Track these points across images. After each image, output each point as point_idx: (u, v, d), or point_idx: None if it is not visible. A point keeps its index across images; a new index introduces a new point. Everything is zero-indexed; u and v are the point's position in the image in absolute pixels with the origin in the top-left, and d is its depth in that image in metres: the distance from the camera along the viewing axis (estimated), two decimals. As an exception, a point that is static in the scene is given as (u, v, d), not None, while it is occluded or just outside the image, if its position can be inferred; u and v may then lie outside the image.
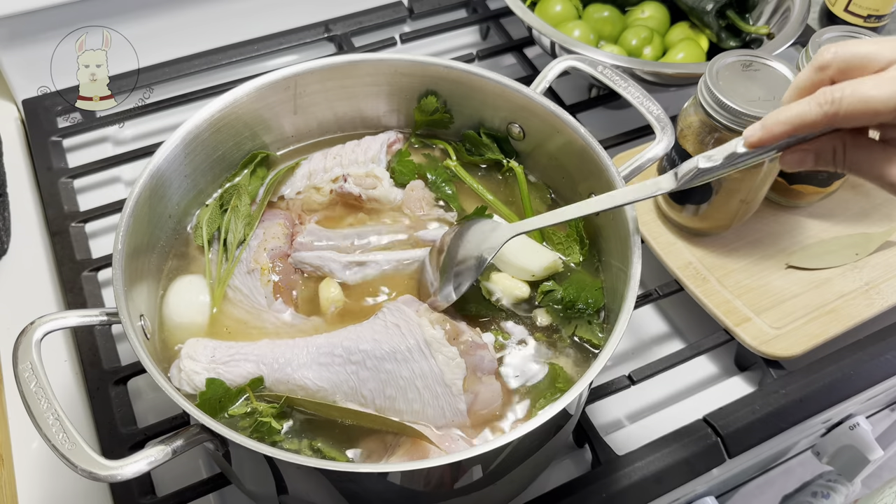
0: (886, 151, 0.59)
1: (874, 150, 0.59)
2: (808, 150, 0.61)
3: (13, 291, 0.97)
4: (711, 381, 0.93)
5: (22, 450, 0.84)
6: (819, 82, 0.59)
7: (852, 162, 0.60)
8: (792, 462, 1.11)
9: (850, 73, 0.58)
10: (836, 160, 0.60)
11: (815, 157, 0.61)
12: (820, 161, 0.61)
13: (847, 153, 0.60)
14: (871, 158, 0.59)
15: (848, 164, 0.60)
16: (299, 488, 0.70)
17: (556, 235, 0.84)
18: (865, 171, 0.60)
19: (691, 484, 0.82)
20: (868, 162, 0.59)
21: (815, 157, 0.61)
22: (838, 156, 0.60)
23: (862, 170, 0.60)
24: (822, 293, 0.92)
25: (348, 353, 0.72)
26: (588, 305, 0.79)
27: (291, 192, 0.88)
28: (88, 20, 1.08)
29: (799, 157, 0.61)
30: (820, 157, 0.61)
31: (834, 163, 0.60)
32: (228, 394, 0.71)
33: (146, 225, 0.77)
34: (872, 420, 1.07)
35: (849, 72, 0.58)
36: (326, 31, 1.25)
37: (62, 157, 1.08)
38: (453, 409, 0.71)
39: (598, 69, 0.85)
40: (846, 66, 0.58)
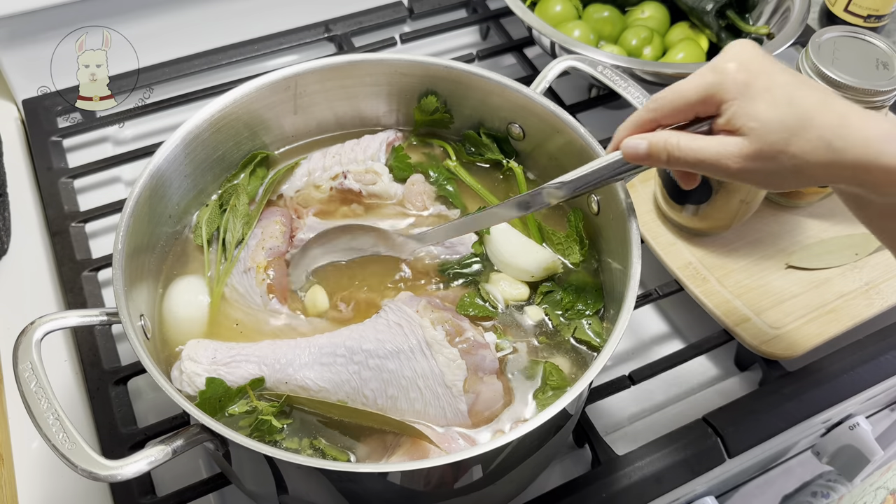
0: (717, 136, 0.64)
1: (706, 137, 0.64)
2: (643, 139, 0.67)
3: (13, 291, 0.97)
4: (711, 381, 0.93)
5: (22, 450, 0.84)
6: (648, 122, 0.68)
7: (688, 147, 0.64)
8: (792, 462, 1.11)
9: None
10: (668, 147, 0.65)
11: (647, 146, 0.66)
12: (652, 152, 0.66)
13: (681, 141, 0.64)
14: (704, 141, 0.63)
15: (684, 150, 0.64)
16: (299, 488, 0.70)
17: (556, 236, 0.84)
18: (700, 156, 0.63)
19: (691, 484, 0.82)
20: (701, 145, 0.63)
21: (647, 146, 0.66)
22: (670, 143, 0.65)
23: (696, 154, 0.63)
24: (822, 293, 0.92)
25: (351, 353, 0.72)
26: (587, 306, 0.79)
27: (291, 191, 0.88)
28: (88, 20, 1.08)
29: (634, 144, 0.67)
30: (652, 147, 0.66)
31: (666, 150, 0.65)
32: (228, 393, 0.71)
33: (146, 225, 0.77)
34: (872, 420, 1.07)
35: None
36: (326, 31, 1.25)
37: (62, 157, 1.08)
38: (454, 410, 0.71)
39: (598, 69, 0.85)
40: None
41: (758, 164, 0.61)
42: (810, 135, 0.59)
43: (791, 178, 0.62)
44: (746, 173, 0.62)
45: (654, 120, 0.67)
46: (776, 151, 0.60)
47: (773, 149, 0.60)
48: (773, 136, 0.60)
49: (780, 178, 0.62)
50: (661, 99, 0.67)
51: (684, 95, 0.65)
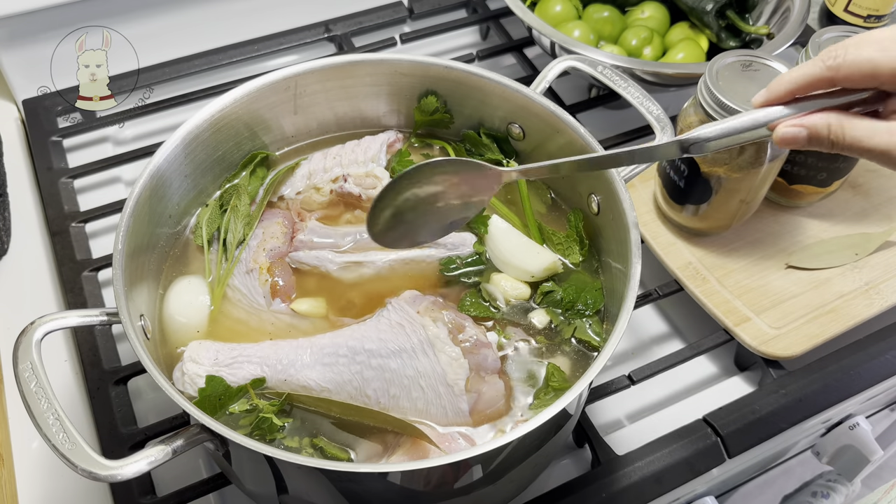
0: (888, 123, 0.57)
1: (874, 123, 0.58)
2: (801, 126, 0.59)
3: (13, 291, 0.97)
4: (711, 381, 0.93)
5: (22, 450, 0.84)
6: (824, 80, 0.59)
7: (852, 136, 0.57)
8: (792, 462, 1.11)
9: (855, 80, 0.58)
10: (831, 136, 0.58)
11: (808, 134, 0.59)
12: (813, 138, 0.59)
13: (845, 128, 0.58)
14: (872, 130, 0.57)
15: (848, 139, 0.57)
16: (299, 488, 0.70)
17: (556, 236, 0.84)
18: (867, 145, 0.57)
19: (691, 484, 0.82)
20: (869, 134, 0.57)
21: (808, 133, 0.59)
22: (834, 131, 0.58)
23: (863, 144, 0.57)
24: (822, 293, 0.92)
25: (353, 352, 0.72)
26: (587, 306, 0.79)
27: (291, 192, 0.88)
28: (88, 20, 1.08)
29: (793, 133, 0.60)
30: (813, 133, 0.59)
31: (829, 139, 0.58)
32: (228, 392, 0.71)
33: (146, 225, 0.77)
34: (872, 420, 1.07)
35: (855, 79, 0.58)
36: (326, 31, 1.25)
37: (62, 157, 1.08)
38: (455, 409, 0.71)
39: (598, 69, 0.85)
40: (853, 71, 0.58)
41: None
42: None
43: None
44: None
45: (831, 80, 0.59)
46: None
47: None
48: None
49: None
50: (845, 56, 0.57)
51: (876, 60, 0.56)
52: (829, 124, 0.58)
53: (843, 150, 0.59)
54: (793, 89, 0.60)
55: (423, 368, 0.71)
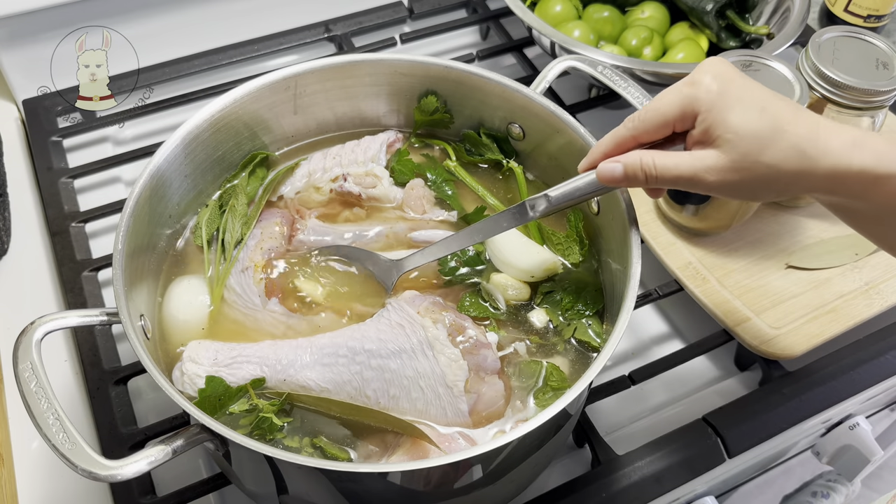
0: (691, 152, 0.64)
1: (679, 153, 0.65)
2: (618, 162, 0.67)
3: (13, 291, 0.97)
4: (711, 381, 0.93)
5: (22, 450, 0.84)
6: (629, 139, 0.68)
7: (662, 165, 0.64)
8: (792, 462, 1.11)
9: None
10: (643, 167, 0.65)
11: (623, 168, 0.66)
12: (628, 171, 0.66)
13: (655, 159, 0.65)
14: (678, 158, 0.64)
15: (659, 168, 0.64)
16: (299, 488, 0.70)
17: (556, 236, 0.84)
18: (674, 172, 0.64)
19: (691, 484, 0.82)
20: (675, 162, 0.64)
21: (623, 167, 0.66)
22: (645, 163, 0.65)
23: (670, 171, 0.64)
24: (822, 293, 0.92)
25: (353, 353, 0.72)
26: (587, 306, 0.79)
27: (291, 192, 0.88)
28: (88, 20, 1.08)
29: (609, 168, 0.67)
30: (628, 166, 0.66)
31: (643, 170, 0.65)
32: (228, 392, 0.71)
33: (146, 225, 0.77)
34: (872, 420, 1.07)
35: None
36: (326, 31, 1.25)
37: (62, 157, 1.08)
38: (455, 410, 0.71)
39: (598, 69, 0.85)
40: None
41: (734, 176, 0.62)
42: (783, 143, 0.60)
43: (766, 188, 0.63)
44: (723, 186, 0.63)
45: (634, 137, 0.68)
46: (751, 161, 0.61)
47: (747, 159, 0.61)
48: (747, 146, 0.61)
49: (757, 189, 0.63)
50: (639, 116, 0.67)
51: (662, 111, 0.65)
52: (641, 158, 0.66)
53: (656, 180, 0.65)
54: (607, 151, 0.69)
55: (423, 369, 0.71)
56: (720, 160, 0.62)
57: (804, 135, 0.60)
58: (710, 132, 0.62)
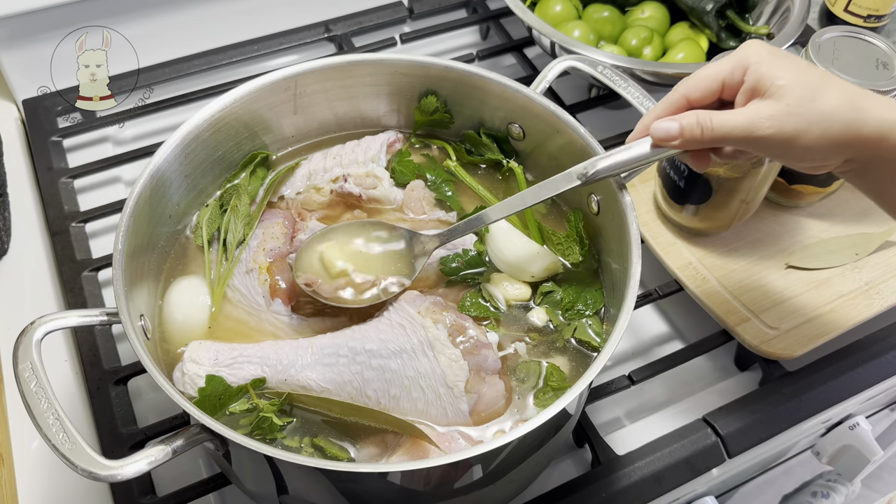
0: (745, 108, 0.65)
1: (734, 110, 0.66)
2: (674, 121, 0.67)
3: (13, 291, 0.97)
4: (711, 381, 0.93)
5: (22, 450, 0.84)
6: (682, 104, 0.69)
7: (720, 121, 0.65)
8: (792, 462, 1.11)
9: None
10: (700, 124, 0.66)
11: (679, 126, 0.67)
12: (685, 129, 0.66)
13: (712, 116, 0.65)
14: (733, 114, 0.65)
15: (716, 123, 0.65)
16: (299, 488, 0.70)
17: (556, 236, 0.84)
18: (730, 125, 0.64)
19: (691, 484, 0.83)
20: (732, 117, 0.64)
21: (679, 126, 0.67)
22: (702, 120, 0.65)
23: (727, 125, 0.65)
24: (822, 293, 0.92)
25: (353, 353, 0.72)
26: (587, 306, 0.79)
27: (291, 193, 0.88)
28: (88, 20, 1.08)
29: (665, 126, 0.67)
30: (684, 125, 0.66)
31: (700, 127, 0.66)
32: (228, 391, 0.71)
33: (146, 225, 0.77)
34: (872, 420, 1.07)
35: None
36: (326, 31, 1.25)
37: (62, 157, 1.08)
38: (455, 410, 0.71)
39: (598, 69, 0.85)
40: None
41: (789, 124, 0.62)
42: (833, 92, 0.62)
43: (819, 143, 0.63)
44: (778, 138, 0.63)
45: (685, 95, 0.68)
46: (804, 107, 0.62)
47: (801, 103, 0.62)
48: (800, 91, 0.62)
49: (809, 142, 0.63)
50: (690, 77, 0.68)
51: (712, 68, 0.67)
52: (697, 115, 0.66)
53: (713, 136, 0.65)
54: (658, 117, 0.69)
55: (424, 369, 0.71)
56: (775, 107, 0.63)
57: (851, 89, 0.63)
58: (762, 83, 0.64)
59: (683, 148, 0.68)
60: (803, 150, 0.64)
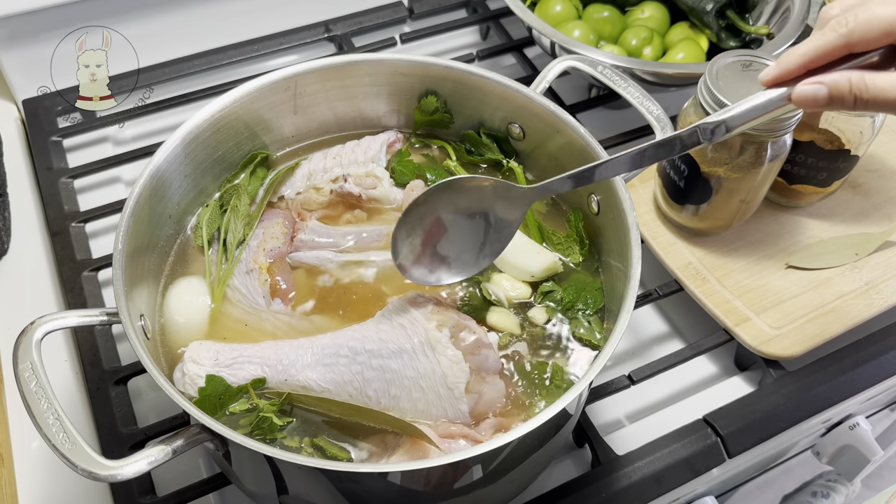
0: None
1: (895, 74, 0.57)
2: (820, 83, 0.58)
3: (13, 291, 0.97)
4: (711, 381, 0.93)
5: (22, 450, 0.84)
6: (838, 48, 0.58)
7: (876, 88, 0.56)
8: (792, 462, 1.11)
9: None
10: (853, 90, 0.57)
11: (828, 91, 0.58)
12: (834, 95, 0.57)
13: (867, 81, 0.57)
14: (894, 81, 0.56)
15: (872, 91, 0.56)
16: (299, 488, 0.70)
17: (556, 236, 0.84)
18: (891, 96, 0.56)
19: (691, 484, 0.83)
20: (893, 85, 0.56)
21: (828, 90, 0.58)
22: (856, 85, 0.57)
23: (887, 95, 0.56)
24: (822, 293, 0.92)
25: (354, 353, 0.72)
26: (587, 306, 0.79)
27: (291, 193, 0.88)
28: (88, 20, 1.08)
29: (812, 90, 0.58)
30: (834, 89, 0.58)
31: (852, 93, 0.57)
32: (228, 391, 0.71)
33: (146, 225, 0.77)
34: (872, 420, 1.07)
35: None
36: (326, 31, 1.25)
37: (62, 157, 1.08)
38: (455, 410, 0.71)
39: (598, 69, 0.85)
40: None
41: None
42: None
43: None
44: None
45: (847, 45, 0.58)
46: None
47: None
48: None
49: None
50: (853, 19, 0.57)
51: (885, 14, 0.56)
52: (850, 79, 0.57)
53: (866, 104, 0.57)
54: (806, 62, 0.59)
55: (424, 369, 0.71)
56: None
57: None
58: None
59: (825, 110, 0.61)
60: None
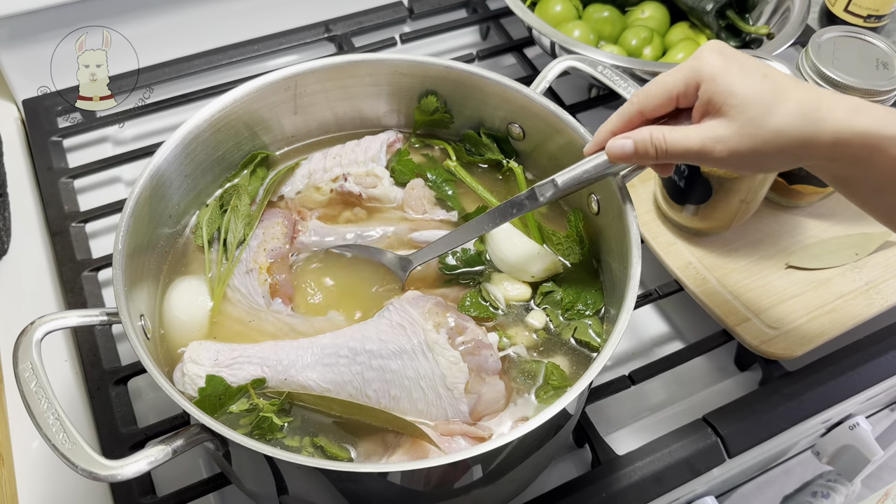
0: (698, 125, 0.65)
1: (687, 127, 0.66)
2: (628, 138, 0.68)
3: (13, 291, 0.97)
4: (711, 381, 0.93)
5: (22, 450, 0.84)
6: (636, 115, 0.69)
7: (672, 139, 0.65)
8: (792, 462, 1.11)
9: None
10: (654, 141, 0.66)
11: (633, 144, 0.67)
12: (639, 147, 0.67)
13: (665, 133, 0.66)
14: (686, 131, 0.65)
15: (669, 141, 0.65)
16: (299, 488, 0.70)
17: (556, 236, 0.84)
18: (683, 145, 0.65)
19: (691, 484, 0.82)
20: (684, 135, 0.65)
21: (633, 143, 0.67)
22: (655, 137, 0.66)
23: (680, 144, 0.65)
24: (822, 293, 0.92)
25: (354, 353, 0.72)
26: (587, 306, 0.79)
27: (291, 192, 0.88)
28: (88, 20, 1.08)
29: (619, 144, 0.68)
30: (639, 142, 0.67)
31: (653, 145, 0.66)
32: (229, 391, 0.71)
33: (146, 225, 0.77)
34: (872, 420, 1.07)
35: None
36: (326, 31, 1.25)
37: (62, 157, 1.08)
38: (456, 411, 0.71)
39: (598, 69, 0.85)
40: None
41: (741, 143, 0.62)
42: (787, 107, 0.61)
43: (774, 157, 0.63)
44: (731, 156, 0.63)
45: (640, 111, 0.69)
46: (756, 126, 0.61)
47: (752, 123, 0.62)
48: (752, 110, 0.61)
49: (764, 158, 0.63)
50: (643, 91, 0.68)
51: (665, 82, 0.67)
52: (651, 132, 0.66)
53: (667, 154, 0.66)
54: (614, 129, 0.70)
55: (424, 370, 0.71)
56: (727, 128, 0.63)
57: (807, 99, 0.61)
58: (714, 101, 0.63)
59: (638, 164, 0.69)
60: (759, 166, 0.65)
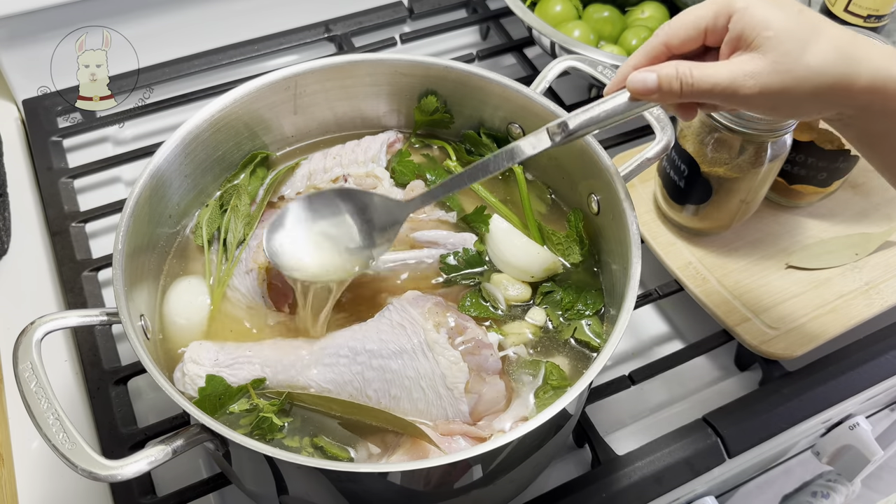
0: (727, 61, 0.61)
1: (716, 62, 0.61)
2: (652, 71, 0.63)
3: (13, 291, 0.97)
4: (711, 381, 0.93)
5: (22, 450, 0.84)
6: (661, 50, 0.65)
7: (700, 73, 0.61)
8: (792, 462, 1.11)
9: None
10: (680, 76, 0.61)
11: (657, 78, 0.63)
12: (664, 82, 0.62)
13: (692, 68, 0.61)
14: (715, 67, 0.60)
15: (696, 76, 0.61)
16: (299, 488, 0.70)
17: (556, 236, 0.84)
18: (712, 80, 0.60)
19: (691, 484, 0.83)
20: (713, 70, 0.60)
21: (657, 77, 0.63)
22: (682, 72, 0.61)
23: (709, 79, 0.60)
24: (822, 293, 0.92)
25: (354, 353, 0.72)
26: (587, 306, 0.79)
27: (291, 193, 0.88)
28: (88, 20, 1.08)
29: (641, 78, 0.63)
30: (663, 77, 0.62)
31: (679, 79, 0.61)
32: (229, 391, 0.71)
33: (146, 225, 0.77)
34: (872, 420, 1.07)
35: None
36: (326, 31, 1.25)
37: (62, 157, 1.08)
38: (456, 411, 0.71)
39: (598, 69, 0.85)
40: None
41: (774, 80, 0.58)
42: (824, 43, 0.57)
43: (808, 99, 0.59)
44: (763, 95, 0.59)
45: (665, 44, 0.64)
46: (792, 61, 0.57)
47: (788, 58, 0.57)
48: (788, 45, 0.57)
49: (798, 99, 0.59)
50: (670, 23, 0.64)
51: (694, 13, 0.62)
52: (677, 67, 0.62)
53: (692, 90, 0.61)
54: (638, 65, 0.65)
55: (424, 370, 0.71)
56: (760, 63, 0.58)
57: (844, 38, 0.58)
58: (747, 33, 0.59)
59: (662, 102, 0.64)
60: (791, 108, 0.61)
